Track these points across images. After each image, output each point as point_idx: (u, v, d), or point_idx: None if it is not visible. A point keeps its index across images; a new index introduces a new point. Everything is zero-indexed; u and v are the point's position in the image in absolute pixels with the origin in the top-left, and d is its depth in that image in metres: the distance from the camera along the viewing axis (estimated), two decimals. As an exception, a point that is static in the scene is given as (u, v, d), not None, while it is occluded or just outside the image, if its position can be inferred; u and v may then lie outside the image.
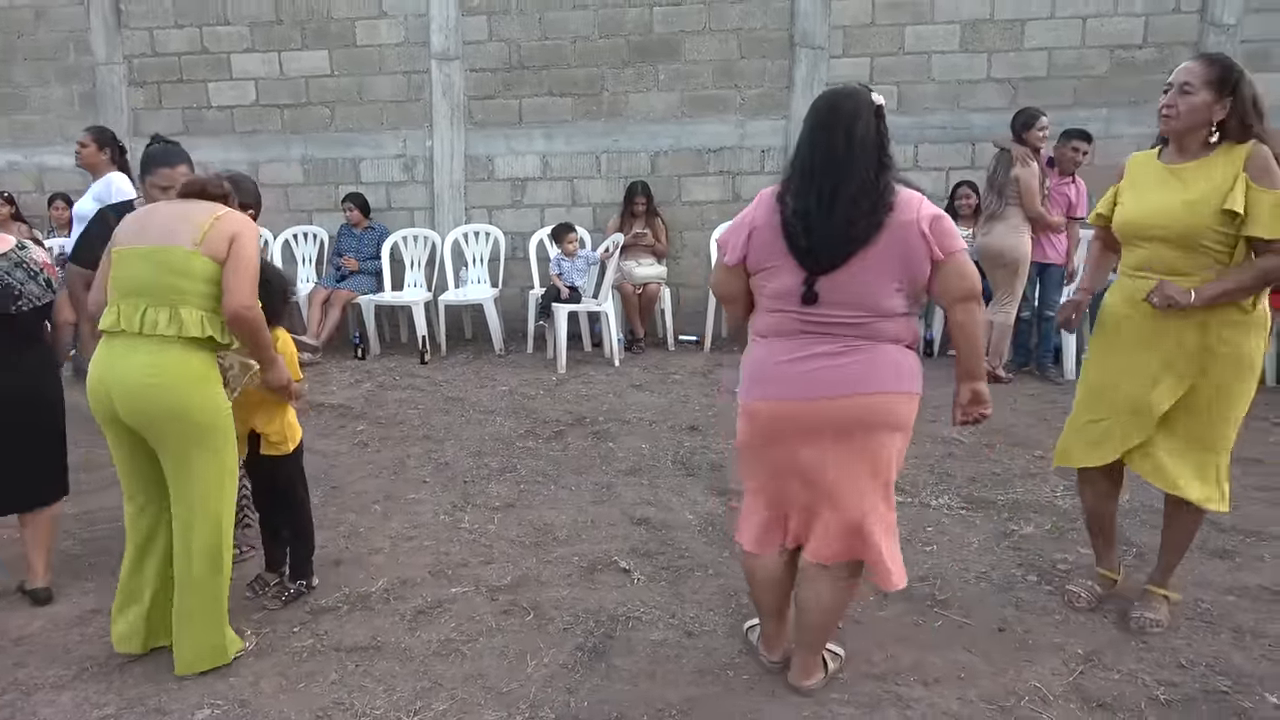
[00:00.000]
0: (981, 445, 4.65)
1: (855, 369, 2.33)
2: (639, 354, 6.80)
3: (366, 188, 7.46)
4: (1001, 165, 5.60)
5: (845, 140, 2.28)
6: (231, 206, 2.76)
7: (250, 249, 2.65)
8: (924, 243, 2.27)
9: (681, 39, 7.05)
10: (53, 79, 7.76)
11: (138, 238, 2.64)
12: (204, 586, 2.67)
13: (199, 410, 2.60)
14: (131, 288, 2.59)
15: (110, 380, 2.57)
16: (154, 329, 2.55)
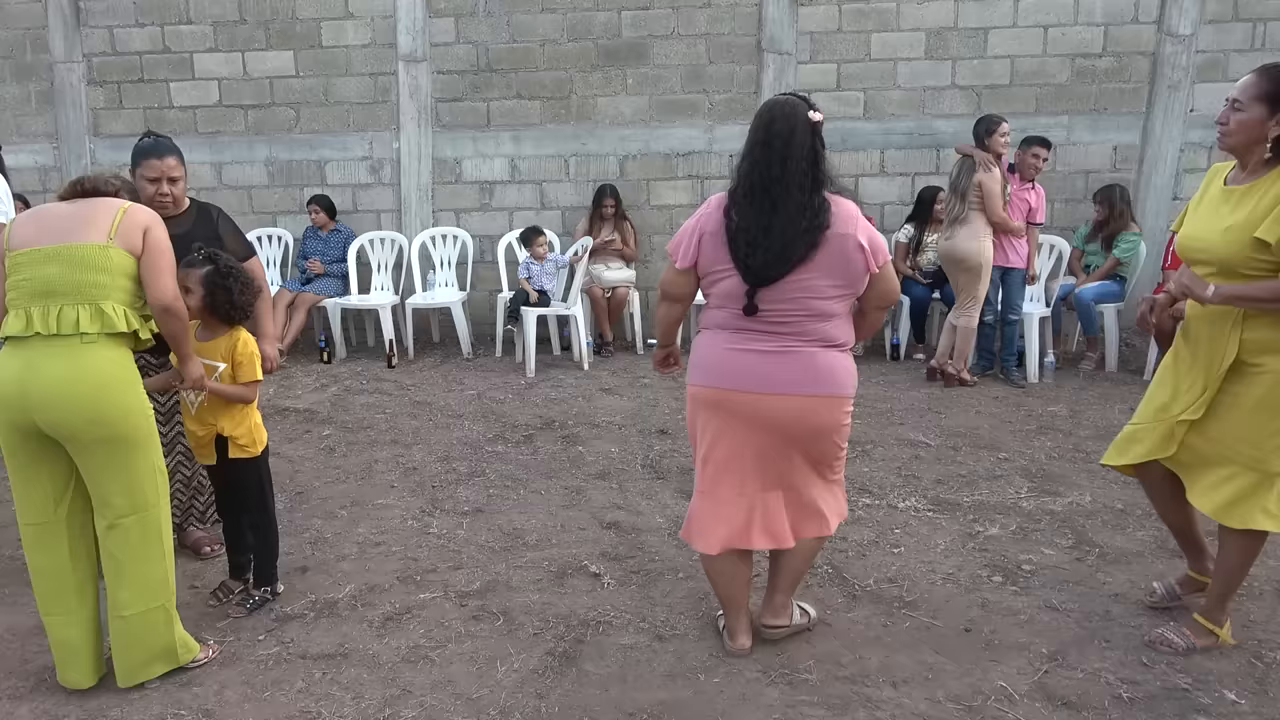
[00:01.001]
0: (947, 448, 4.70)
1: (790, 370, 2.55)
2: (608, 358, 6.79)
3: (332, 190, 7.39)
4: (965, 171, 5.68)
5: (780, 162, 2.46)
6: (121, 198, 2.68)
7: (165, 241, 2.61)
8: (861, 255, 2.50)
9: (650, 43, 7.06)
10: (9, 77, 7.59)
11: (39, 238, 2.52)
12: (144, 588, 2.59)
13: (127, 413, 2.51)
14: (42, 289, 2.47)
15: (26, 389, 2.42)
16: (74, 328, 2.44)
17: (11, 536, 3.77)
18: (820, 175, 2.50)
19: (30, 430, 2.46)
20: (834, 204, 2.51)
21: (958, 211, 5.71)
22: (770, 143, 2.48)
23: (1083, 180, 6.88)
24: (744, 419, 2.60)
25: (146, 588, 2.60)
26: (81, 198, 2.63)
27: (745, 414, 2.59)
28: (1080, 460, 4.50)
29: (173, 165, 3.22)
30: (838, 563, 3.41)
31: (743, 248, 2.50)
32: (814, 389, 2.55)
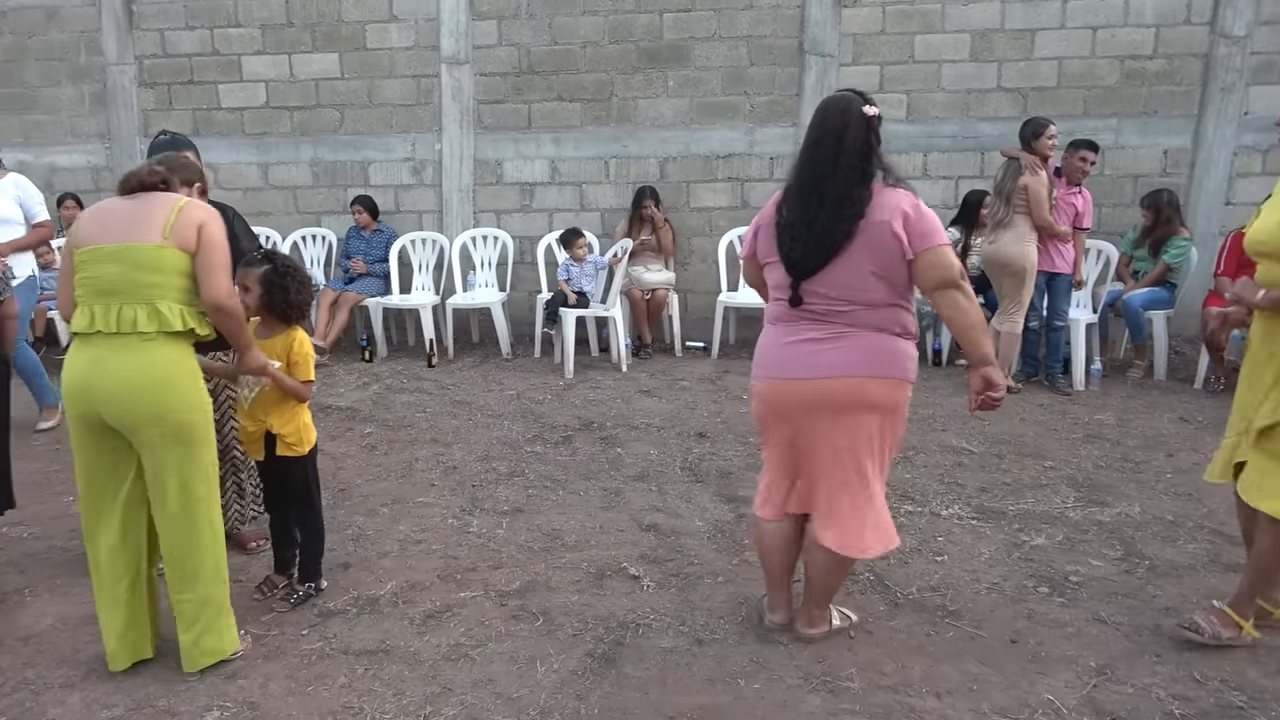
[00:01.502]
0: (991, 455, 4.63)
1: (832, 355, 2.60)
2: (646, 360, 6.79)
3: (375, 190, 7.47)
4: (1010, 174, 5.60)
5: (832, 159, 2.54)
6: (173, 189, 2.72)
7: (220, 237, 2.62)
8: (896, 242, 2.51)
9: (691, 45, 7.05)
10: (64, 79, 7.78)
11: (102, 235, 2.57)
12: (197, 579, 2.65)
13: (187, 408, 2.58)
14: (103, 287, 2.53)
15: (92, 384, 2.51)
16: (133, 327, 2.50)
17: (63, 528, 3.86)
18: (869, 168, 2.55)
19: (96, 422, 2.54)
20: (877, 194, 2.55)
21: (1002, 215, 5.63)
22: (823, 140, 2.56)
23: (1131, 184, 6.75)
24: (784, 411, 2.70)
25: (200, 579, 2.66)
26: (138, 194, 2.67)
27: (782, 404, 2.70)
28: (1129, 470, 4.41)
29: (190, 159, 3.23)
30: (879, 570, 3.37)
31: (786, 242, 2.63)
32: (865, 370, 2.59)
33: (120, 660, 2.72)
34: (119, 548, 2.66)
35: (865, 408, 2.61)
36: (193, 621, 2.67)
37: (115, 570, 2.67)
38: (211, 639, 2.70)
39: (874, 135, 2.56)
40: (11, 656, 2.87)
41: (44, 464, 4.72)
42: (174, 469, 2.58)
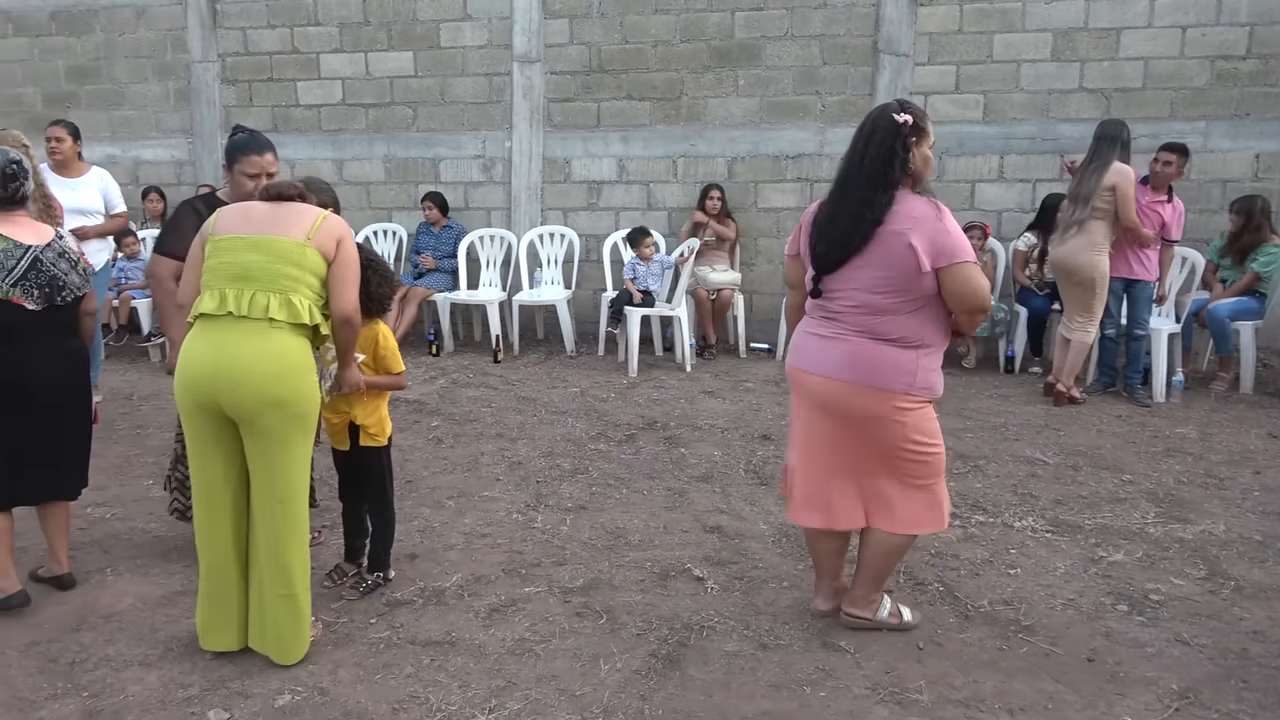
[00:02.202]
0: (1067, 467, 4.49)
1: (830, 354, 2.70)
2: (710, 360, 6.76)
3: (446, 187, 7.57)
4: (1092, 173, 5.38)
5: (859, 160, 2.63)
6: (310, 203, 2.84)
7: (354, 254, 2.75)
8: (911, 254, 2.55)
9: (763, 44, 7.00)
10: (150, 76, 8.05)
11: (244, 227, 2.66)
12: (286, 573, 2.70)
13: (303, 396, 2.65)
14: (239, 274, 2.60)
15: (216, 367, 2.55)
16: (263, 312, 2.56)
17: (143, 510, 3.99)
18: (891, 174, 2.59)
19: (213, 409, 2.60)
20: (900, 202, 2.59)
21: (1079, 216, 5.38)
22: (855, 143, 2.67)
23: (1219, 190, 6.50)
24: (801, 395, 2.83)
25: (290, 572, 2.70)
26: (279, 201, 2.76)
27: (799, 390, 2.83)
28: (1212, 486, 4.24)
29: (270, 161, 3.26)
30: (949, 580, 3.30)
31: (815, 235, 2.75)
32: (850, 376, 2.66)
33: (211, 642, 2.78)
34: (229, 534, 2.73)
35: (851, 413, 2.70)
36: (280, 614, 2.71)
37: (221, 555, 2.73)
38: (295, 632, 2.75)
39: (900, 142, 2.59)
40: (94, 634, 2.97)
41: (125, 448, 4.88)
42: (280, 458, 2.64)
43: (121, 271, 7.01)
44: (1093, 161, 5.41)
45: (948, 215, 2.61)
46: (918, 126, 2.62)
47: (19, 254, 2.96)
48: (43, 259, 3.01)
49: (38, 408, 3.03)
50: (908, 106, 2.65)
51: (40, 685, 2.67)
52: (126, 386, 6.12)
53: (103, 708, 2.56)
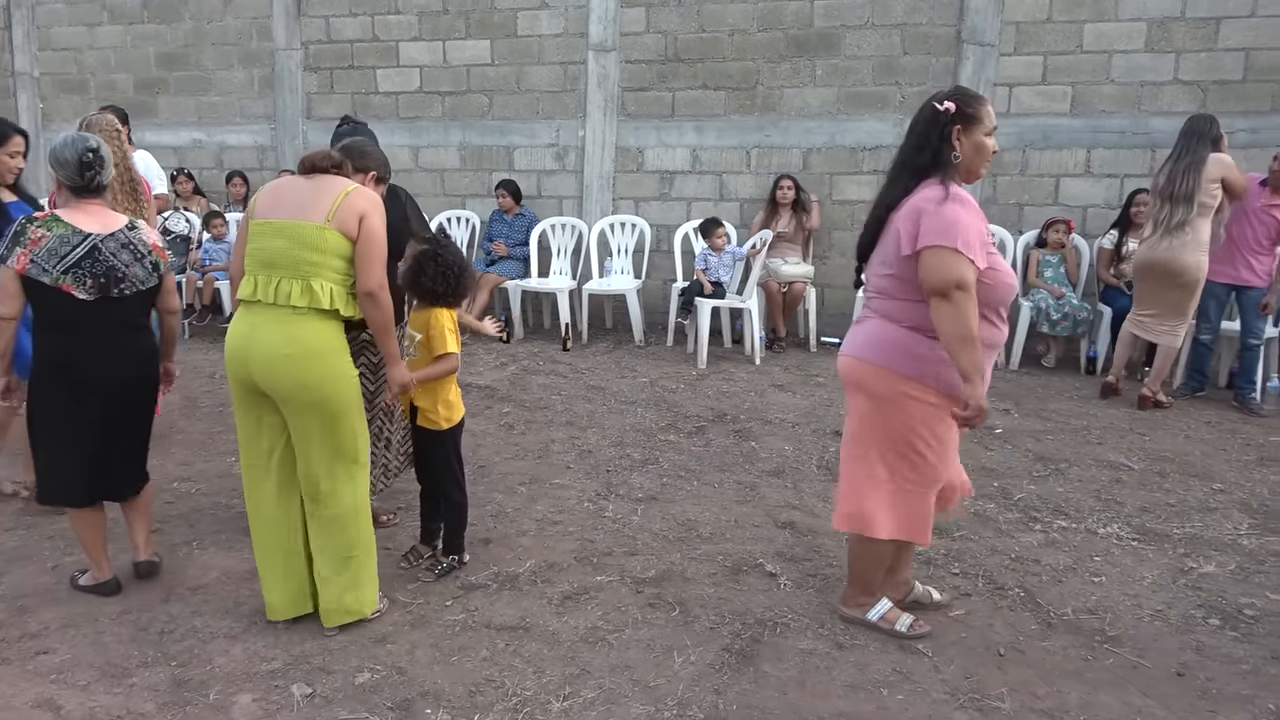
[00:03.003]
0: (1153, 473, 4.34)
1: (859, 334, 2.79)
2: (780, 353, 6.69)
3: (519, 175, 7.62)
4: (1189, 170, 5.15)
5: (901, 150, 2.69)
6: (345, 174, 2.82)
7: (379, 229, 2.70)
8: (897, 236, 2.58)
9: (842, 33, 6.88)
10: (236, 63, 8.25)
11: (273, 211, 2.71)
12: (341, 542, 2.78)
13: (331, 379, 2.69)
14: (267, 260, 2.66)
15: (249, 350, 2.66)
16: (287, 300, 2.62)
17: (226, 486, 4.10)
18: (919, 161, 2.59)
19: (251, 386, 2.70)
20: (919, 189, 2.58)
21: (1182, 216, 5.14)
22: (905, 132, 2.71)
23: (1323, 188, 6.18)
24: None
25: (340, 540, 2.78)
26: (314, 175, 2.78)
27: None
28: (1311, 498, 4.05)
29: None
30: (1030, 586, 3.21)
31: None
32: (864, 353, 2.72)
33: (279, 611, 2.88)
34: (275, 505, 2.82)
35: (858, 388, 2.75)
36: (332, 580, 2.79)
37: (271, 526, 2.83)
38: (351, 598, 2.82)
39: (937, 131, 2.57)
40: (181, 605, 3.06)
41: (208, 424, 5.03)
42: (316, 435, 2.71)
43: (206, 253, 7.22)
44: (1183, 158, 5.17)
45: (954, 203, 2.49)
46: (962, 113, 2.56)
47: (76, 241, 2.85)
48: (102, 248, 2.88)
49: (92, 402, 2.93)
50: (957, 94, 2.61)
51: (132, 653, 2.77)
52: (209, 365, 6.30)
53: (191, 677, 2.64)
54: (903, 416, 2.66)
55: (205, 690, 2.57)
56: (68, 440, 2.95)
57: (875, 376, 2.68)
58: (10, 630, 2.89)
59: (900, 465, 2.71)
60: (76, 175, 2.92)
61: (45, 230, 2.85)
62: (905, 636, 2.84)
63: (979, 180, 2.68)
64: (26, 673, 2.67)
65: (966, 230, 2.49)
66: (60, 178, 2.94)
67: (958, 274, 2.46)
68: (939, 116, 2.57)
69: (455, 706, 2.50)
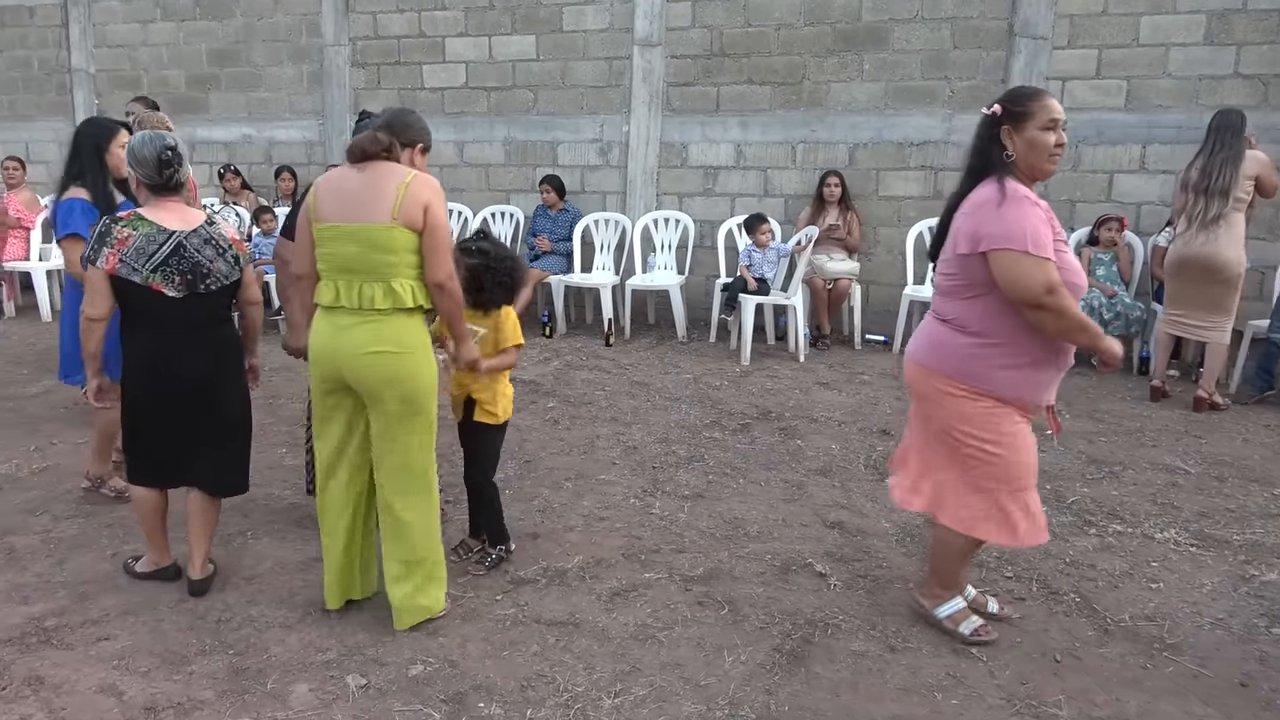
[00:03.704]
0: (1210, 477, 4.24)
1: (918, 334, 2.82)
2: (824, 350, 6.64)
3: (563, 170, 7.64)
4: (1226, 164, 5.03)
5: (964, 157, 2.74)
6: (396, 156, 2.75)
7: (443, 216, 2.69)
8: (955, 235, 2.62)
9: (890, 27, 6.79)
10: (286, 59, 8.36)
11: (338, 213, 2.66)
12: (410, 541, 2.80)
13: (417, 375, 2.72)
14: (344, 265, 2.66)
15: (337, 349, 2.68)
16: (371, 304, 2.65)
17: (278, 478, 4.16)
18: (976, 163, 2.64)
19: (338, 381, 2.74)
20: (977, 191, 2.59)
21: (1219, 210, 5.06)
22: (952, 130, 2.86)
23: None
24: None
25: (413, 537, 2.80)
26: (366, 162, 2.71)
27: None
28: (1378, 506, 3.94)
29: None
30: (1086, 591, 3.15)
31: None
32: (915, 352, 2.78)
33: (334, 599, 2.92)
34: (343, 494, 2.86)
35: (913, 388, 2.79)
36: (404, 579, 2.81)
37: (337, 513, 2.87)
38: (423, 597, 2.84)
39: (987, 133, 2.61)
40: (237, 593, 3.12)
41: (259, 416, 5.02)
42: (400, 430, 2.74)
43: (256, 247, 7.32)
44: (1218, 151, 5.08)
45: (1012, 201, 2.49)
46: (1009, 112, 2.58)
47: (161, 239, 2.87)
48: (186, 245, 2.91)
49: (184, 396, 2.97)
50: (1007, 94, 2.66)
51: (190, 641, 2.82)
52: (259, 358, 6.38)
53: (248, 665, 2.69)
54: (941, 412, 2.69)
55: (263, 679, 2.61)
56: (157, 429, 3.02)
57: (923, 377, 2.74)
58: (72, 616, 2.96)
59: (966, 461, 2.68)
60: (155, 173, 2.91)
61: (131, 229, 2.87)
62: (965, 640, 2.80)
63: (1048, 177, 2.63)
64: (89, 658, 2.73)
65: (1035, 229, 2.46)
66: (139, 176, 2.93)
67: (1042, 279, 2.45)
68: (987, 119, 2.63)
69: (507, 701, 2.51)
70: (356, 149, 2.72)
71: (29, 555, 3.40)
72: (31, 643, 2.80)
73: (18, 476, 4.17)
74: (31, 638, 2.83)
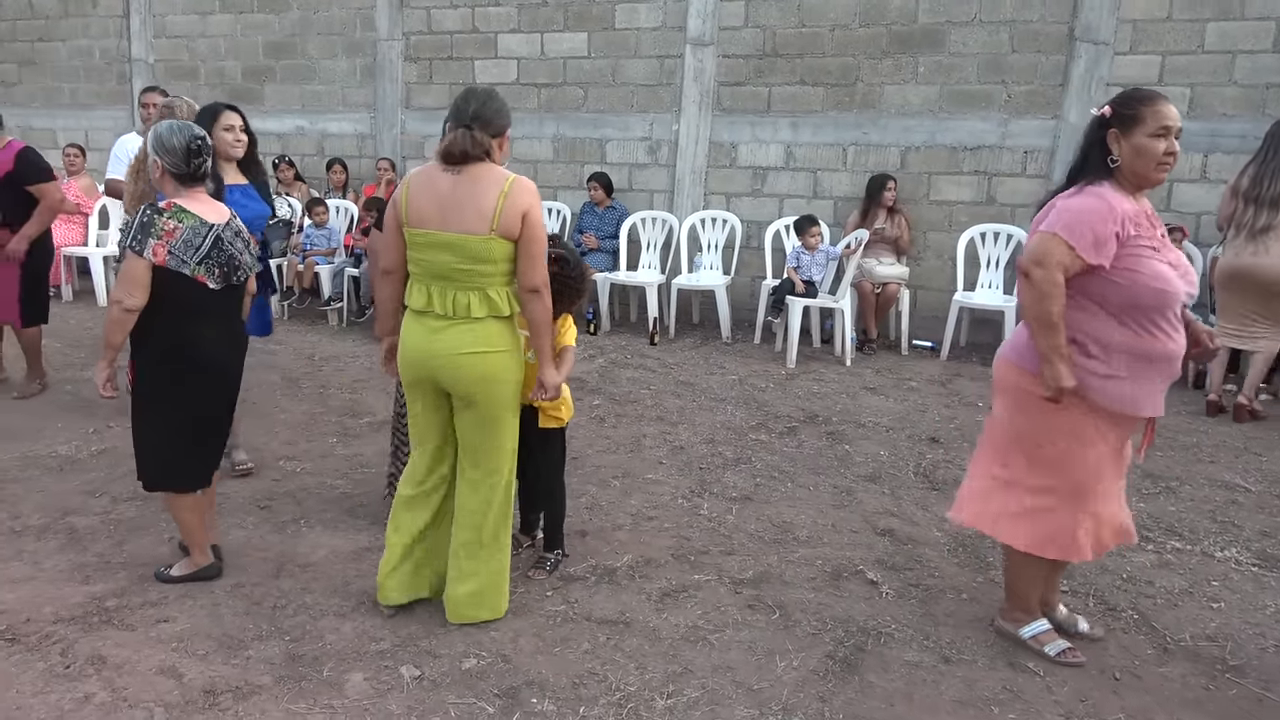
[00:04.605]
0: (1272, 495, 4.14)
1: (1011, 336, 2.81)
2: (870, 355, 6.58)
3: (611, 168, 7.64)
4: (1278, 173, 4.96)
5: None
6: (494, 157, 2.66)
7: (540, 224, 2.66)
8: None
9: (947, 30, 6.71)
10: (340, 52, 8.46)
11: (433, 219, 2.62)
12: (499, 541, 2.84)
13: (510, 374, 2.74)
14: (438, 273, 2.65)
15: (431, 352, 2.68)
16: (466, 311, 2.64)
17: (330, 467, 4.21)
18: (1078, 164, 2.61)
19: (430, 382, 2.75)
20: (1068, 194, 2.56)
21: (1267, 220, 4.96)
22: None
23: None
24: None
25: (485, 539, 2.82)
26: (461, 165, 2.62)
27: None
28: None
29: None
30: (1144, 609, 3.09)
31: None
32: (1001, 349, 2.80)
33: (391, 595, 2.91)
34: (421, 491, 2.88)
35: (995, 385, 2.78)
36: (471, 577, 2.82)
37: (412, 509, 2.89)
38: (491, 598, 2.86)
39: (1094, 135, 2.56)
40: (292, 581, 3.16)
41: (310, 406, 5.17)
42: (488, 431, 2.76)
43: (308, 238, 7.42)
44: (1270, 160, 5.02)
45: (1084, 196, 2.49)
46: (1119, 115, 2.51)
47: (204, 232, 2.88)
48: (223, 238, 2.94)
49: (213, 387, 3.02)
50: (1120, 95, 2.58)
51: (247, 626, 2.86)
52: (308, 347, 6.48)
53: (304, 652, 2.72)
54: (1022, 414, 2.65)
55: (319, 666, 2.65)
56: (195, 425, 3.00)
57: (1004, 370, 2.73)
58: (133, 598, 3.02)
59: (1022, 464, 2.66)
60: (184, 163, 2.89)
61: (177, 221, 2.83)
62: (1052, 660, 2.75)
63: (1156, 185, 2.57)
64: (149, 639, 2.78)
65: (1082, 222, 2.45)
66: (166, 165, 2.89)
67: (1039, 252, 2.48)
68: (1096, 120, 2.57)
69: (560, 697, 2.52)
70: (457, 152, 2.60)
71: (89, 536, 3.47)
72: (94, 622, 2.86)
73: (77, 458, 4.26)
74: (94, 617, 2.89)
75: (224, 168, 3.88)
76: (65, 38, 9.48)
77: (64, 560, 3.27)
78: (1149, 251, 2.48)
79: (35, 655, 2.67)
